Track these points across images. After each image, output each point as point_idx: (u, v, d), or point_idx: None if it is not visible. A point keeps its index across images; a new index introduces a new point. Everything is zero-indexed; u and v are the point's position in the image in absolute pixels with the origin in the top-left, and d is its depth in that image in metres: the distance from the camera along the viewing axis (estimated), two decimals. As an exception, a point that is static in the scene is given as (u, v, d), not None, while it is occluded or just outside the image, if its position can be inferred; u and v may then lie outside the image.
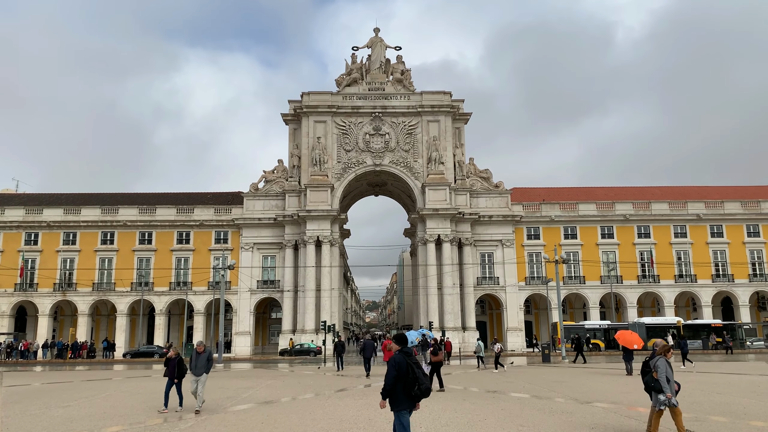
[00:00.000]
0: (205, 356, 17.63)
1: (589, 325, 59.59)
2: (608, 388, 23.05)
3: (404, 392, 9.12)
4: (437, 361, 23.26)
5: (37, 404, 19.84)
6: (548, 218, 65.94)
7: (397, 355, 9.41)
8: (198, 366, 17.45)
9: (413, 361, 9.30)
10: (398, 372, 9.15)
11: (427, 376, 9.65)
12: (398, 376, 9.15)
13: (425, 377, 9.33)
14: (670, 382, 11.60)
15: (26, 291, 63.37)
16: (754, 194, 70.70)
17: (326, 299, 61.38)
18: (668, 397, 11.44)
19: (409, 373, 9.14)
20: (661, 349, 12.23)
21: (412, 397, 9.18)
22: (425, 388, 9.18)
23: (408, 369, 9.14)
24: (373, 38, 69.14)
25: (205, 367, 17.54)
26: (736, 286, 65.28)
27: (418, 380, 9.14)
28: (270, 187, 65.79)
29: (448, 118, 65.38)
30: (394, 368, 9.20)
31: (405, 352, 9.42)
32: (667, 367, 11.74)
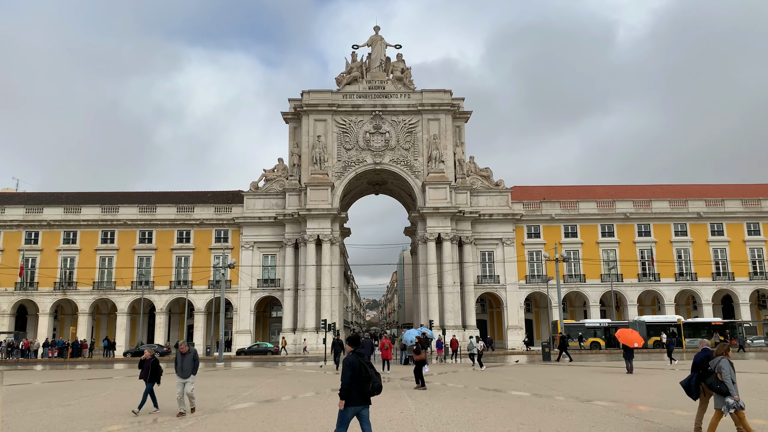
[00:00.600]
0: (190, 357, 16.74)
1: (590, 324, 59.63)
2: (608, 386, 23.04)
3: (357, 390, 9.66)
4: (420, 359, 23.38)
5: (38, 403, 19.85)
6: (548, 217, 65.92)
7: (350, 355, 9.92)
8: (184, 368, 16.57)
9: (366, 362, 9.86)
10: (353, 372, 9.65)
11: (379, 375, 10.09)
12: (353, 376, 9.63)
13: (377, 376, 9.92)
14: (734, 383, 11.30)
15: (27, 290, 63.40)
16: (754, 192, 70.65)
17: (326, 298, 61.39)
18: (736, 400, 11.09)
19: (362, 372, 9.68)
20: (720, 349, 11.77)
21: (365, 395, 9.75)
22: (377, 386, 9.83)
23: (361, 368, 9.71)
24: (374, 37, 69.09)
25: (191, 368, 16.62)
26: (737, 284, 65.27)
27: (371, 379, 9.74)
28: (270, 185, 65.79)
29: (449, 116, 65.34)
30: (348, 368, 9.69)
31: (358, 353, 9.98)
32: (731, 368, 11.41)
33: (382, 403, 18.37)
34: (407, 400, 19.06)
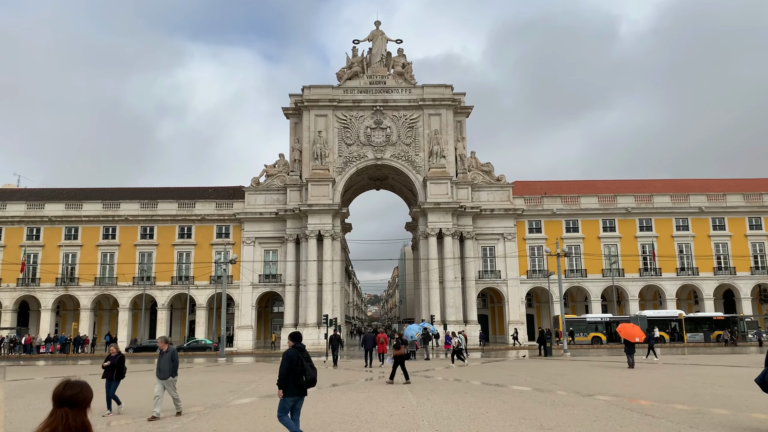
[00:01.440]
0: (168, 356, 15.15)
1: (591, 318, 59.67)
2: (610, 381, 23.07)
3: (293, 382, 10.51)
4: (399, 354, 23.77)
5: (41, 398, 19.90)
6: (550, 212, 65.87)
7: (290, 349, 10.72)
8: (161, 368, 15.01)
9: (304, 356, 10.65)
10: (290, 364, 10.51)
11: (315, 369, 10.95)
12: (290, 367, 10.50)
13: (312, 369, 10.73)
14: None
15: (28, 286, 63.52)
16: (756, 187, 70.50)
17: (328, 293, 61.44)
18: None
19: (298, 365, 10.51)
20: None
21: (300, 386, 10.56)
22: (310, 379, 10.64)
23: (298, 362, 10.51)
24: (374, 31, 68.90)
25: (169, 368, 15.03)
26: (738, 278, 65.22)
27: (305, 372, 10.53)
28: (271, 181, 65.77)
29: (450, 111, 65.22)
30: (286, 361, 10.53)
31: (298, 347, 10.77)
32: None
33: (384, 397, 18.42)
34: (408, 394, 19.09)
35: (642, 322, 56.52)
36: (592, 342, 56.83)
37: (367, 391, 20.73)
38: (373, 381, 24.68)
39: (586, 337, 57.56)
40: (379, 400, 17.94)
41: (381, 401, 17.54)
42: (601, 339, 57.22)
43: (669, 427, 12.57)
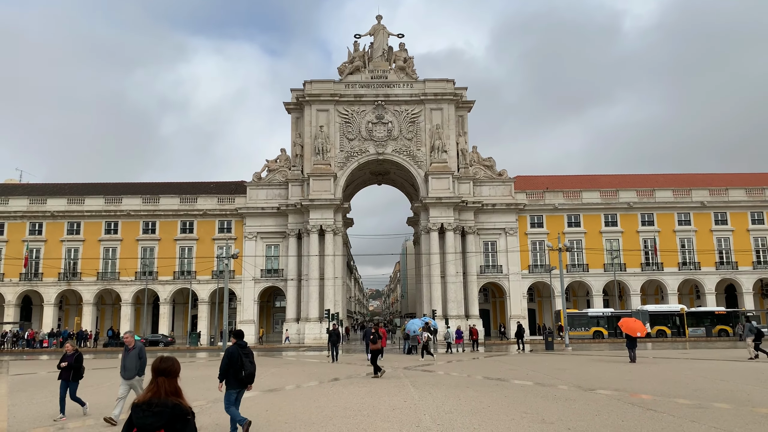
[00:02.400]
0: (135, 353, 13.52)
1: (593, 313, 59.69)
2: (611, 375, 23.08)
3: (234, 376, 11.38)
4: (375, 349, 24.10)
5: (43, 393, 19.97)
6: (552, 206, 65.81)
7: (231, 346, 11.67)
8: (127, 366, 13.43)
9: (245, 353, 11.49)
10: (230, 360, 11.39)
11: (254, 364, 11.77)
12: (230, 363, 11.38)
13: (251, 365, 11.57)
14: None
15: (31, 281, 63.69)
16: (758, 181, 70.34)
17: (330, 288, 61.52)
18: None
19: (238, 361, 11.36)
20: None
21: (239, 380, 11.42)
22: (248, 373, 11.47)
23: (238, 358, 11.38)
24: (376, 26, 68.73)
25: (136, 366, 13.48)
26: (740, 273, 65.17)
27: (244, 367, 11.35)
28: (273, 176, 65.77)
29: (451, 106, 65.10)
30: (226, 357, 11.46)
31: (239, 344, 11.68)
32: None
33: (386, 392, 18.46)
34: (410, 389, 19.13)
35: (644, 316, 56.59)
36: (593, 336, 56.87)
37: (369, 385, 20.78)
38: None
39: (588, 331, 57.62)
40: (381, 394, 17.99)
41: (383, 395, 17.59)
42: (602, 333, 57.25)
43: (670, 421, 12.59)
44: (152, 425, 4.62)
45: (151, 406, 4.72)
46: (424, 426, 12.48)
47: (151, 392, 4.88)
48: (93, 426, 13.46)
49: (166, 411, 4.70)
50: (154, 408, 4.71)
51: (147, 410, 4.73)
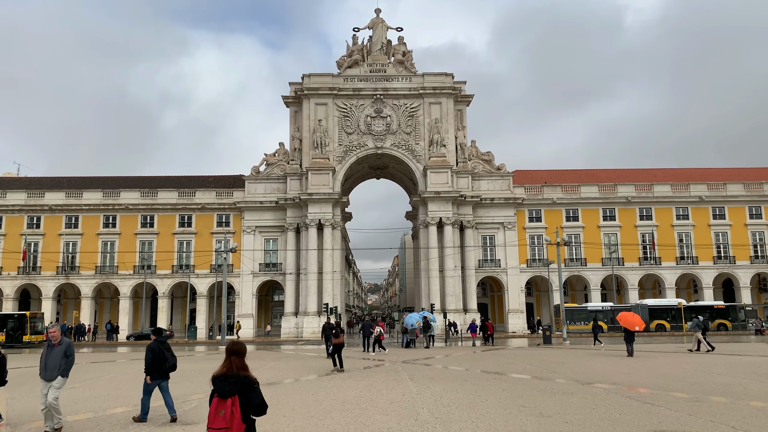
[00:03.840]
0: (60, 351, 11.72)
1: (592, 307, 59.76)
2: (609, 369, 23.17)
3: (158, 369, 12.83)
4: (338, 343, 24.58)
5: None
6: (550, 201, 65.85)
7: (152, 343, 13.09)
8: (48, 366, 11.62)
9: (165, 347, 13.01)
10: (153, 355, 12.84)
11: (175, 356, 13.20)
12: (154, 357, 12.81)
13: (173, 357, 13.04)
14: None
15: (29, 274, 63.67)
16: (756, 176, 70.45)
17: (328, 282, 61.57)
18: None
19: (160, 355, 12.82)
20: None
21: (162, 371, 12.87)
22: (171, 365, 12.92)
23: (160, 352, 12.85)
24: (375, 19, 68.51)
25: (58, 366, 11.65)
26: (738, 268, 65.32)
27: (166, 359, 12.84)
28: (271, 170, 65.69)
29: (450, 100, 64.99)
30: (150, 353, 12.89)
31: (159, 341, 13.13)
32: None
33: (384, 385, 18.51)
34: (408, 382, 19.19)
35: (643, 311, 56.70)
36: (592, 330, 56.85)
37: (367, 378, 20.83)
38: (372, 369, 24.80)
39: (587, 325, 57.67)
40: (379, 387, 18.04)
41: (381, 389, 17.64)
42: (602, 328, 57.30)
43: (668, 414, 12.65)
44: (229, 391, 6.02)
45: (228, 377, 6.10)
46: (423, 419, 12.52)
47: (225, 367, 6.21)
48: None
49: (238, 381, 6.09)
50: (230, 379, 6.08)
51: (224, 380, 6.12)
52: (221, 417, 5.92)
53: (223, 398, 6.04)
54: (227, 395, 6.02)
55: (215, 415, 5.97)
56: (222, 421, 5.89)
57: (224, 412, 5.93)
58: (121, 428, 12.22)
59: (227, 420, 5.88)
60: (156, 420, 13.06)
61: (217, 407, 6.03)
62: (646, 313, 56.61)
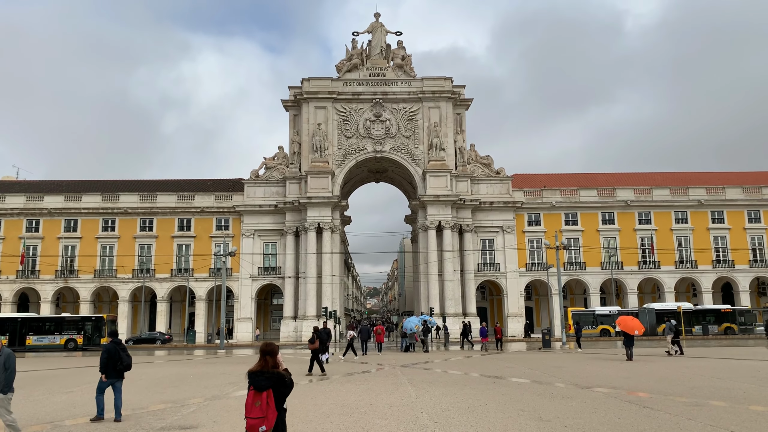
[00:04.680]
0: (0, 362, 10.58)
1: (600, 311, 59.56)
2: (609, 373, 23.15)
3: (113, 368, 13.70)
4: (313, 348, 24.59)
5: (41, 390, 19.96)
6: (549, 204, 65.87)
7: (108, 344, 13.98)
8: None
9: (121, 348, 13.88)
10: (109, 355, 13.70)
11: (130, 357, 14.02)
12: (109, 357, 13.67)
13: (128, 358, 13.95)
14: None
15: (28, 278, 63.58)
16: (755, 180, 70.54)
17: (327, 285, 61.52)
18: None
19: (115, 355, 13.70)
20: None
21: (117, 371, 13.76)
22: (126, 365, 13.82)
23: (116, 353, 13.75)
24: (374, 23, 68.65)
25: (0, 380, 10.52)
26: (737, 271, 65.34)
27: (121, 359, 13.73)
28: (270, 173, 65.71)
29: (449, 104, 65.09)
30: (105, 353, 13.76)
31: (115, 342, 14.02)
32: None
33: (383, 389, 18.48)
34: (408, 387, 19.16)
35: (650, 315, 56.74)
36: (600, 335, 56.93)
37: (366, 382, 20.80)
38: (372, 373, 24.76)
39: (595, 329, 57.63)
40: (378, 391, 18.01)
41: (380, 393, 17.61)
42: (609, 332, 57.33)
43: (667, 419, 12.63)
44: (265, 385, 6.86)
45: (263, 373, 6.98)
46: (422, 424, 12.50)
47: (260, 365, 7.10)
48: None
49: (272, 377, 6.97)
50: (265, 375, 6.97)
51: (260, 376, 6.97)
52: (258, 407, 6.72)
53: (259, 391, 6.86)
54: (262, 389, 6.86)
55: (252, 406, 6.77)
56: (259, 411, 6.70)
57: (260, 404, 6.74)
58: (120, 432, 12.16)
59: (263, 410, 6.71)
60: (153, 422, 13.03)
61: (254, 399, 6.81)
62: (653, 318, 56.67)
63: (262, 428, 6.69)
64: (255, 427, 6.70)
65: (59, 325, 52.72)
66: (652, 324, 56.07)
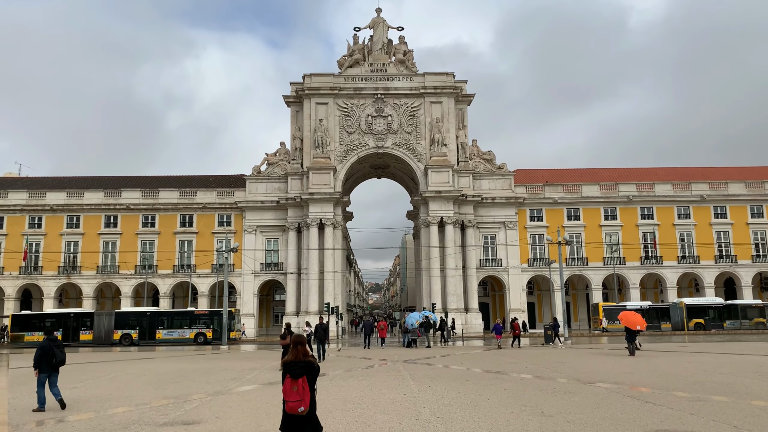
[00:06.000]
0: None
1: (630, 306, 59.34)
2: (611, 368, 23.15)
3: (47, 363, 14.56)
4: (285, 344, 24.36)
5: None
6: (551, 200, 65.80)
7: (43, 341, 14.88)
8: None
9: (56, 345, 14.87)
10: (43, 352, 14.59)
11: (64, 353, 15.00)
12: (43, 354, 14.56)
13: (62, 354, 14.86)
14: None
15: (31, 274, 63.74)
16: (758, 175, 70.34)
17: (329, 281, 61.56)
18: None
19: (49, 352, 14.59)
20: None
21: (52, 366, 14.64)
22: (60, 360, 14.77)
23: (50, 349, 14.62)
24: (375, 19, 68.49)
25: None
26: (739, 266, 65.24)
27: (55, 355, 14.63)
28: (272, 169, 65.69)
29: (451, 99, 64.95)
30: (39, 350, 14.64)
31: (50, 339, 14.93)
32: None
33: (385, 385, 18.51)
34: (410, 382, 19.18)
35: (680, 309, 57.00)
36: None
37: (368, 378, 20.83)
38: (374, 368, 24.80)
39: None
40: (380, 387, 18.04)
41: (382, 388, 17.64)
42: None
43: (669, 414, 12.63)
44: (300, 373, 7.75)
45: (297, 363, 7.86)
46: (424, 419, 12.52)
47: (293, 355, 7.96)
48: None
49: (306, 365, 7.88)
50: (299, 364, 7.85)
51: (295, 365, 7.85)
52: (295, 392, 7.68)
53: (295, 378, 7.75)
54: (298, 376, 7.76)
55: (290, 390, 7.70)
56: (296, 395, 7.68)
57: (297, 388, 7.70)
58: (123, 428, 12.22)
59: (300, 394, 7.68)
60: (156, 417, 13.07)
61: (291, 385, 7.73)
62: (684, 312, 56.94)
63: (301, 408, 7.68)
64: (295, 408, 7.67)
65: (188, 319, 53.30)
66: (682, 319, 57.08)
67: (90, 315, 53.97)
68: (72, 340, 51.31)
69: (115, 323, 52.47)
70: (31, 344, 48.49)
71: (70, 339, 51.23)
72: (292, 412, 7.76)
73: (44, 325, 49.49)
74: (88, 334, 52.27)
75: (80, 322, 52.86)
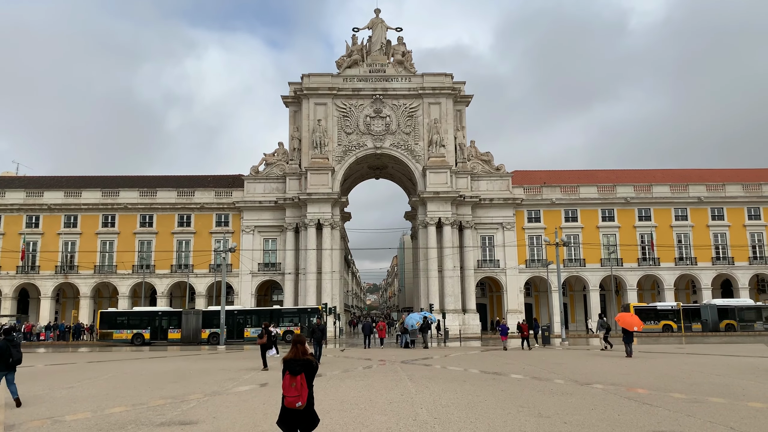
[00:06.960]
0: None
1: (661, 307, 59.52)
2: (608, 369, 23.18)
3: (3, 362, 14.94)
4: (262, 343, 25.86)
5: (41, 385, 19.98)
6: (549, 201, 65.87)
7: (1, 340, 15.20)
8: None
9: (13, 344, 15.26)
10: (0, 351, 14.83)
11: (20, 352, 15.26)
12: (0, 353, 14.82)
13: (18, 353, 15.19)
14: None
15: (28, 273, 63.60)
16: (755, 177, 70.50)
17: (327, 282, 61.55)
18: None
19: (7, 351, 14.94)
20: None
21: (8, 365, 14.99)
22: (16, 359, 15.12)
23: (7, 348, 14.97)
24: (374, 19, 68.51)
25: None
26: (736, 268, 65.38)
27: (11, 354, 14.96)
28: (270, 170, 65.66)
29: (450, 100, 65.00)
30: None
31: (8, 339, 15.47)
32: None
33: (383, 385, 18.51)
34: (407, 382, 19.18)
35: (712, 310, 57.11)
36: (663, 330, 57.07)
37: (366, 378, 20.83)
38: (372, 369, 24.80)
39: (657, 325, 57.75)
40: (378, 387, 18.04)
41: (380, 389, 17.63)
42: (671, 327, 57.54)
43: (666, 415, 12.66)
44: (298, 370, 8.13)
45: (297, 360, 8.25)
46: (421, 419, 12.52)
47: (293, 353, 8.36)
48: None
49: (305, 363, 8.27)
50: (299, 361, 8.24)
51: (295, 362, 8.24)
52: (294, 388, 8.05)
53: (294, 375, 8.12)
54: (297, 373, 8.12)
55: (289, 387, 8.08)
56: (294, 391, 8.06)
57: (295, 384, 8.06)
58: (119, 428, 12.20)
59: (298, 390, 8.07)
60: (153, 417, 13.05)
61: (290, 381, 8.10)
62: (714, 313, 57.09)
63: (298, 404, 8.06)
64: (293, 403, 8.07)
65: (277, 317, 52.95)
66: (714, 320, 57.23)
67: (178, 314, 53.19)
68: (160, 338, 51.19)
69: (203, 322, 51.88)
70: (120, 341, 50.41)
71: (158, 337, 51.20)
72: (290, 407, 8.15)
73: (131, 323, 50.69)
74: (177, 333, 51.68)
75: (169, 321, 52.33)
